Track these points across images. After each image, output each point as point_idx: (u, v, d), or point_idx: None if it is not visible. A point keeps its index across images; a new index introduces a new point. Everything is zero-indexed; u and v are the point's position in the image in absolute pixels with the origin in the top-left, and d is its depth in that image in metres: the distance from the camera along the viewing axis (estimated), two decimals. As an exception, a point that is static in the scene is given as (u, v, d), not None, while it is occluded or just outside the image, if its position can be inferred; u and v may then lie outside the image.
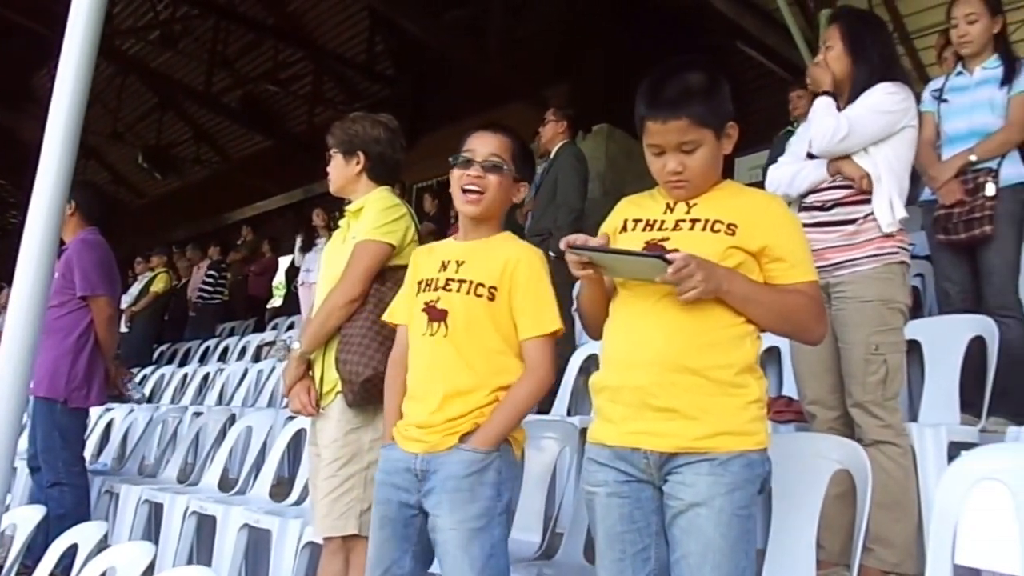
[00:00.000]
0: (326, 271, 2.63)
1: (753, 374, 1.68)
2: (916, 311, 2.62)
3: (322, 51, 11.52)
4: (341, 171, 2.67)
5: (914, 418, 2.98)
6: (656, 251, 1.68)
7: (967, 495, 1.78)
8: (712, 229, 1.70)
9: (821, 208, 2.66)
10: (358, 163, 2.65)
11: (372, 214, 2.53)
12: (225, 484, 4.31)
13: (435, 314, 2.00)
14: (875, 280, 2.54)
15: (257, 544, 3.53)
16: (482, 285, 1.98)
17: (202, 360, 8.62)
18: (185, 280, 10.26)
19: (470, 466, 1.89)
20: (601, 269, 1.73)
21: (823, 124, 2.67)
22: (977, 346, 3.09)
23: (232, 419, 4.94)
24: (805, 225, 2.69)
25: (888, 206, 2.56)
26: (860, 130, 2.62)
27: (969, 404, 3.09)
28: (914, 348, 3.07)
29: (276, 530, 3.25)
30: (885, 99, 2.63)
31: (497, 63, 8.50)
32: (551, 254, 4.02)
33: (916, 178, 2.92)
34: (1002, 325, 3.14)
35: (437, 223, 8.09)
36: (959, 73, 3.52)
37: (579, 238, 1.70)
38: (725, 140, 1.74)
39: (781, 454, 2.02)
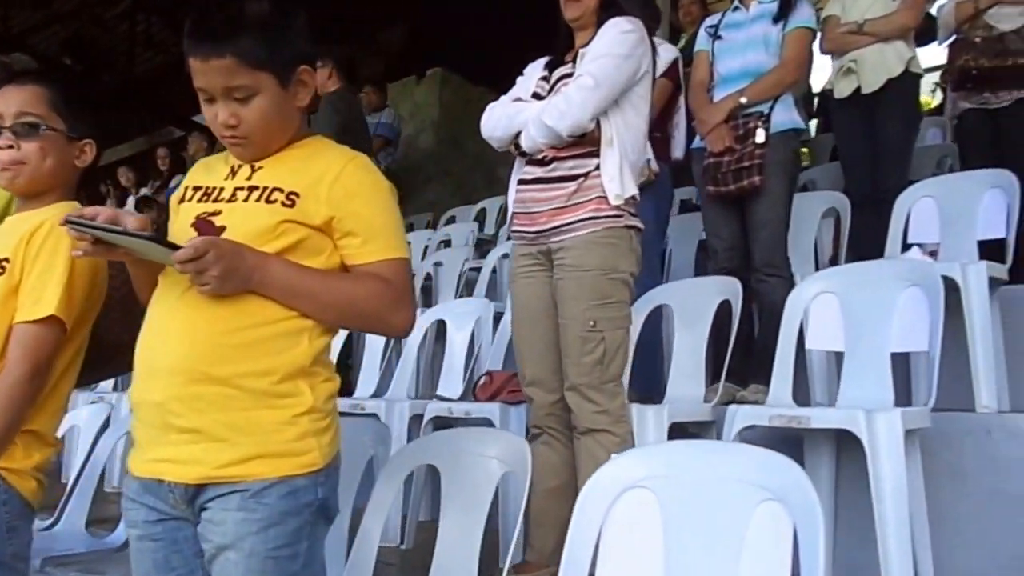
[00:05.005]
0: None
1: (309, 379, 1.34)
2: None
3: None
4: None
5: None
6: (205, 227, 1.37)
7: (612, 506, 1.51)
8: (268, 199, 1.36)
9: (540, 163, 2.32)
10: None
11: None
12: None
13: None
14: (596, 246, 2.22)
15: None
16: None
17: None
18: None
19: None
20: (121, 251, 1.35)
21: (560, 100, 2.26)
22: (744, 311, 2.86)
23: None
24: (524, 182, 2.36)
25: (618, 176, 2.23)
26: (608, 77, 2.23)
27: (733, 372, 2.87)
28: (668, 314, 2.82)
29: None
30: (624, 39, 2.28)
31: (327, 2, 7.87)
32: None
33: None
34: (766, 285, 2.91)
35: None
36: (735, 8, 3.23)
37: (91, 210, 1.31)
38: (298, 88, 1.40)
39: (444, 453, 1.83)
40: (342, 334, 2.43)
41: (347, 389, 3.94)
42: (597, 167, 2.23)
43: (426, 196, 7.52)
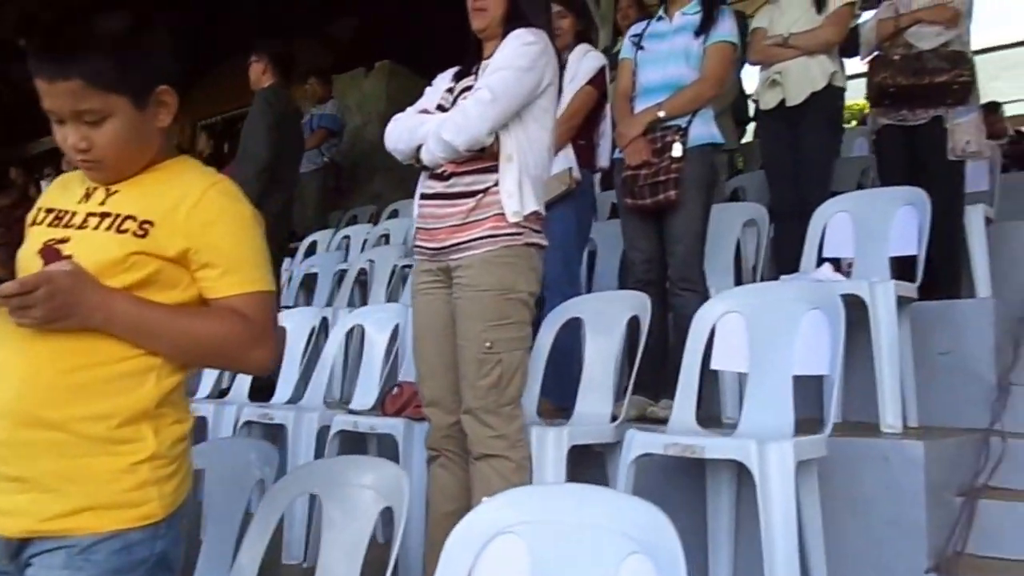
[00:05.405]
0: None
1: (154, 422, 1.27)
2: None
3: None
4: None
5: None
6: (51, 255, 1.29)
7: (481, 552, 1.46)
8: (119, 228, 1.28)
9: (440, 177, 2.25)
10: None
11: None
12: None
13: None
14: (493, 265, 2.14)
15: None
16: None
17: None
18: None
19: None
20: None
21: (457, 114, 2.18)
22: (659, 324, 2.84)
23: None
24: (426, 197, 2.30)
25: (517, 191, 2.15)
26: (507, 90, 2.15)
27: (647, 386, 2.85)
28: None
29: None
30: (525, 51, 2.21)
31: (280, -7, 7.66)
32: None
33: None
34: (681, 299, 2.90)
35: (214, 163, 7.36)
36: (660, 18, 3.19)
37: None
38: (157, 109, 1.33)
39: (323, 482, 1.79)
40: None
41: (269, 392, 3.85)
42: (496, 183, 2.16)
43: (371, 188, 7.41)
